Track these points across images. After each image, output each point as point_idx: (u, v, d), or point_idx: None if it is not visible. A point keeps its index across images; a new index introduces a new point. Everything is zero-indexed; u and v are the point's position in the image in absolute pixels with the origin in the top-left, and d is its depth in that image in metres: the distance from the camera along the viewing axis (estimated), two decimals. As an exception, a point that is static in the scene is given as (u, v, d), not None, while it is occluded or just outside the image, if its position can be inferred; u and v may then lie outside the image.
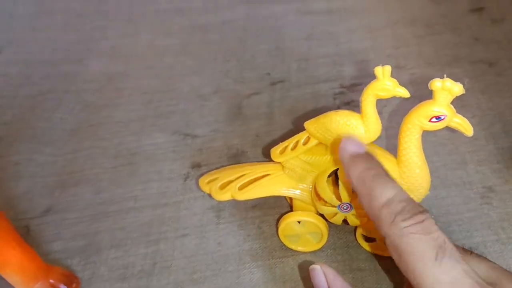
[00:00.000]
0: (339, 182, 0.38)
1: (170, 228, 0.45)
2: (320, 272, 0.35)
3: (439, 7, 0.67)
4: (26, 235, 0.45)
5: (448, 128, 0.50)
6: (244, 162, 0.49)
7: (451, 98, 0.33)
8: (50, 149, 0.52)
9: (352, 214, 0.39)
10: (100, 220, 0.46)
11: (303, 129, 0.40)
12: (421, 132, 0.36)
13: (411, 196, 0.38)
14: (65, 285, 0.40)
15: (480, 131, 0.50)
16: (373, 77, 0.57)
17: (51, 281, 0.39)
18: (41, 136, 0.54)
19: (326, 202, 0.39)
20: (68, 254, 0.43)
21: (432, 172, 0.46)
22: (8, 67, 0.64)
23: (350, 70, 0.59)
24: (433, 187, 0.45)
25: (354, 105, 0.54)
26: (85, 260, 0.43)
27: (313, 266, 0.35)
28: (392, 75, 0.57)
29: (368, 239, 0.42)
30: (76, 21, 0.71)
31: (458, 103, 0.52)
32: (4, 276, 0.38)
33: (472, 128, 0.34)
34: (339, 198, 0.38)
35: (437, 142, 0.49)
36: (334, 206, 0.39)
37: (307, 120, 0.40)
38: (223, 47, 0.65)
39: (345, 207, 0.38)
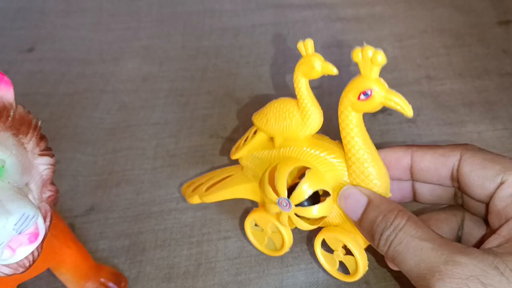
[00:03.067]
0: (275, 175, 0.35)
1: (212, 230, 0.46)
2: (355, 191, 0.34)
3: (466, 18, 0.68)
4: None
5: (482, 140, 0.52)
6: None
7: (377, 70, 0.30)
8: (90, 148, 0.54)
9: (294, 213, 0.35)
10: (142, 221, 0.47)
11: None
12: (358, 116, 0.32)
13: None
14: (114, 284, 0.41)
15: (512, 143, 0.51)
16: (405, 87, 0.59)
17: (102, 280, 0.40)
18: (81, 135, 0.55)
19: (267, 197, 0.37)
20: (113, 253, 0.45)
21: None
22: (42, 64, 0.65)
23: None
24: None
25: (388, 113, 0.55)
26: (130, 259, 0.44)
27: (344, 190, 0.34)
28: (423, 86, 0.59)
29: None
30: (108, 20, 0.72)
31: (489, 115, 0.54)
32: (57, 274, 0.39)
33: (411, 109, 0.30)
34: (276, 192, 0.35)
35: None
36: (275, 203, 0.36)
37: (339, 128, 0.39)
38: (254, 51, 0.66)
39: (284, 204, 0.35)
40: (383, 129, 0.54)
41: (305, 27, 0.69)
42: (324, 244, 0.39)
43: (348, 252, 0.37)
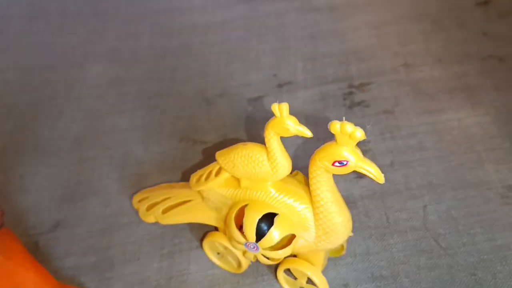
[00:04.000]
0: (244, 221, 0.35)
1: (183, 240, 0.44)
2: None
3: (444, 1, 0.66)
4: (36, 251, 0.43)
5: (463, 127, 0.49)
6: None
7: (353, 143, 0.30)
8: (55, 159, 0.51)
9: (262, 254, 0.36)
10: (111, 234, 0.45)
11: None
12: (329, 174, 0.33)
13: (329, 239, 0.35)
14: (80, 304, 0.39)
15: (495, 129, 0.49)
16: (382, 76, 0.57)
17: (66, 301, 0.38)
18: (45, 146, 0.52)
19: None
20: (81, 271, 0.42)
21: (450, 172, 0.46)
22: (6, 73, 0.62)
23: (357, 69, 0.58)
24: (451, 187, 0.44)
25: (365, 105, 0.53)
26: (99, 276, 0.42)
27: None
28: (400, 74, 0.56)
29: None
30: (72, 23, 0.69)
31: (471, 100, 0.52)
32: (17, 298, 0.36)
33: (382, 176, 0.30)
34: (245, 236, 0.36)
35: (452, 142, 0.48)
36: (241, 243, 0.36)
37: (316, 124, 0.38)
38: (225, 48, 0.63)
39: (252, 246, 0.36)
40: (360, 121, 0.51)
41: (277, 20, 0.67)
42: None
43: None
